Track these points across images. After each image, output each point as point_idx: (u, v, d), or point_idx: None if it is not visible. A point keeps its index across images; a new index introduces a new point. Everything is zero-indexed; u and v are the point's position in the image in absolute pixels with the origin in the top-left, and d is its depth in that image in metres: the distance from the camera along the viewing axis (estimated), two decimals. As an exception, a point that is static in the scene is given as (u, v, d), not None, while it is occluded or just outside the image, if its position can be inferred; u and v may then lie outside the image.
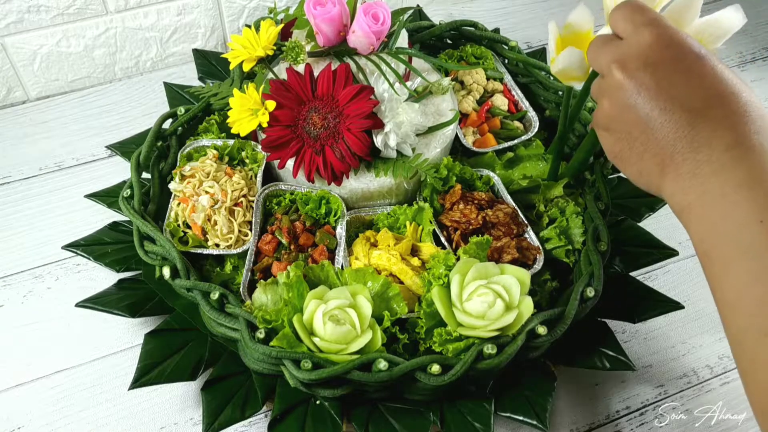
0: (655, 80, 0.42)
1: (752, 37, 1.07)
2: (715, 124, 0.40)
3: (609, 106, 0.45)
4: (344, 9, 0.68)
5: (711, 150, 0.40)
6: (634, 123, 0.43)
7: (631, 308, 0.67)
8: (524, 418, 0.59)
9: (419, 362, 0.57)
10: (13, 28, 0.87)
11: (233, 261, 0.68)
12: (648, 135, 0.42)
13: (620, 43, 0.44)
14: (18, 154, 0.88)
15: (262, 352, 0.57)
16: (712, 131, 0.40)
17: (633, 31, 0.44)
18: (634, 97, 0.43)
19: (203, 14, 0.96)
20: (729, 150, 0.39)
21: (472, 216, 0.67)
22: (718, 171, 0.39)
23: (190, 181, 0.70)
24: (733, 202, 0.38)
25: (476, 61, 0.85)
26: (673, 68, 0.42)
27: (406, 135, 0.69)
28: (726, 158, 0.39)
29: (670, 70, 0.42)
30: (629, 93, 0.43)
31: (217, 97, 0.79)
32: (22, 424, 0.65)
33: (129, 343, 0.71)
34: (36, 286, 0.75)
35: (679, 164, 0.41)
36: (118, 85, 0.97)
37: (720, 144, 0.39)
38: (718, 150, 0.39)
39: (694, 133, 0.40)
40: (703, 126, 0.40)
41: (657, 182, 0.43)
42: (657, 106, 0.42)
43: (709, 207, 0.40)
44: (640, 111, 0.42)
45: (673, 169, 0.41)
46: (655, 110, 0.42)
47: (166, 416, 0.66)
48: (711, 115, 0.40)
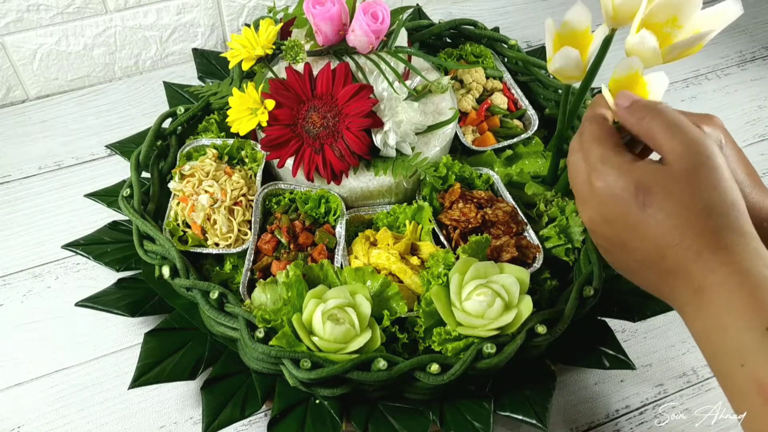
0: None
1: (752, 36, 1.07)
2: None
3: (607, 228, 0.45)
4: (343, 8, 0.68)
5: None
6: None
7: (631, 307, 0.67)
8: (524, 417, 0.59)
9: (418, 361, 0.57)
10: (13, 27, 0.87)
11: (233, 260, 0.68)
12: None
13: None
14: (17, 153, 0.88)
15: (262, 351, 0.57)
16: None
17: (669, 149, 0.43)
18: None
19: (203, 13, 0.96)
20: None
21: (471, 215, 0.66)
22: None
23: (189, 181, 0.70)
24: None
25: (476, 59, 0.85)
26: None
27: (406, 134, 0.69)
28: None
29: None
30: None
31: (216, 97, 0.79)
32: (21, 423, 0.65)
33: (129, 343, 0.71)
34: (36, 286, 0.75)
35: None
36: (117, 85, 0.97)
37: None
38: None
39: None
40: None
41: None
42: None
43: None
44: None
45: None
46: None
47: (165, 415, 0.66)
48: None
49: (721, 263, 0.39)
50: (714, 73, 1.02)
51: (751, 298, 0.38)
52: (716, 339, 0.39)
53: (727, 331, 0.38)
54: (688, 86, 1.00)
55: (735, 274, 0.39)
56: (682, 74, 1.02)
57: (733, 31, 1.07)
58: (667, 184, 0.42)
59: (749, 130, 0.95)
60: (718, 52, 1.05)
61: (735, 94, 0.99)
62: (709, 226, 0.40)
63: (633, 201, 0.42)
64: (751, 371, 0.37)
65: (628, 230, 0.43)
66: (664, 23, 0.52)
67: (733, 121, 0.96)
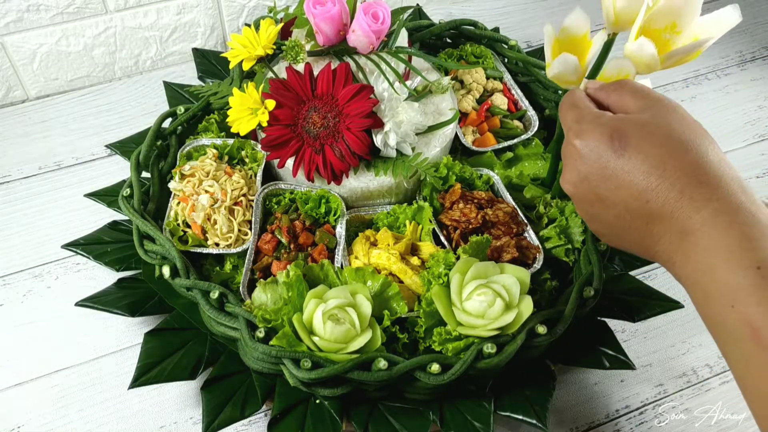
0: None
1: (752, 36, 1.07)
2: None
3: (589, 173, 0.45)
4: (344, 8, 0.68)
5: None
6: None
7: (631, 307, 0.67)
8: (524, 417, 0.59)
9: (419, 361, 0.57)
10: (13, 27, 0.87)
11: (233, 260, 0.68)
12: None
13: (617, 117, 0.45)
14: (17, 153, 0.88)
15: (262, 351, 0.57)
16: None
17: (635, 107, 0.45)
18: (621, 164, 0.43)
19: (203, 13, 0.96)
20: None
21: (471, 215, 0.67)
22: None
23: (189, 180, 0.70)
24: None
25: (476, 60, 0.85)
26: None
27: (406, 134, 0.69)
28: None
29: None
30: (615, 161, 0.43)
31: (216, 96, 0.79)
32: (21, 423, 0.65)
33: (129, 343, 0.71)
34: (36, 286, 0.75)
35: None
36: (117, 84, 0.97)
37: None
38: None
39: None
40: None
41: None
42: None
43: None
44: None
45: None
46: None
47: (165, 415, 0.66)
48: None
49: (708, 199, 0.39)
50: (714, 73, 1.02)
51: (740, 236, 0.37)
52: (705, 282, 0.38)
53: (717, 271, 0.37)
54: (688, 86, 1.00)
55: (721, 212, 0.38)
56: (682, 74, 1.02)
57: (733, 31, 1.06)
58: (640, 127, 0.42)
59: (749, 130, 0.95)
60: (718, 52, 1.05)
61: (735, 94, 0.99)
62: (689, 160, 0.40)
63: (609, 149, 0.42)
64: (743, 313, 0.36)
65: (608, 182, 0.42)
66: (663, 29, 0.52)
67: (733, 121, 0.96)
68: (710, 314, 0.39)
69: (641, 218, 0.41)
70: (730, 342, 0.37)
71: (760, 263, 0.36)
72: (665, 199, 0.40)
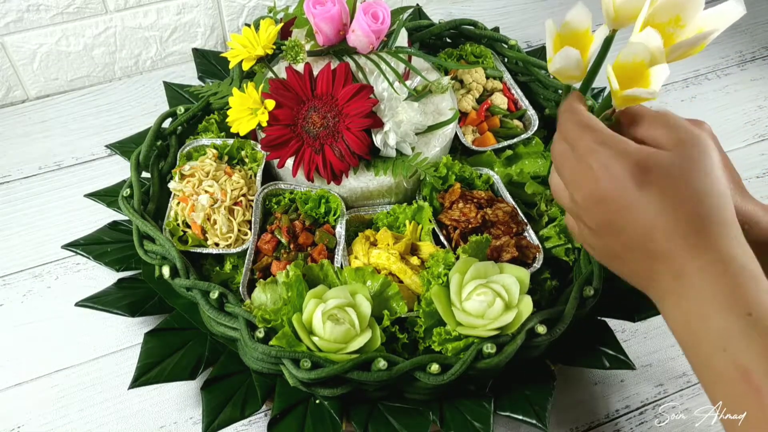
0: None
1: (752, 36, 1.07)
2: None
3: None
4: (344, 8, 0.68)
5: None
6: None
7: (631, 307, 0.67)
8: (524, 417, 0.59)
9: (418, 361, 0.57)
10: (13, 27, 0.87)
11: (233, 260, 0.68)
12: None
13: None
14: (17, 153, 0.88)
15: (262, 351, 0.57)
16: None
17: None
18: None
19: (203, 13, 0.96)
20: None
21: (471, 215, 0.66)
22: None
23: (189, 181, 0.70)
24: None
25: (476, 59, 0.85)
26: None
27: (406, 134, 0.69)
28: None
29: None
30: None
31: (216, 97, 0.79)
32: (21, 423, 0.65)
33: (129, 343, 0.71)
34: (36, 286, 0.75)
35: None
36: (117, 85, 0.97)
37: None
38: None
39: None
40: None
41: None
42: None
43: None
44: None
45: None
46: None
47: (165, 415, 0.66)
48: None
49: (706, 249, 0.40)
50: (714, 73, 1.02)
51: (733, 284, 0.39)
52: (696, 325, 0.40)
53: (709, 317, 0.39)
54: (688, 86, 1.00)
55: (718, 261, 0.39)
56: (682, 74, 1.02)
57: (733, 31, 1.07)
58: (665, 167, 0.42)
59: (749, 130, 0.95)
60: (718, 52, 1.05)
61: (735, 94, 0.99)
62: (699, 212, 0.41)
63: (630, 181, 0.42)
64: (734, 357, 0.37)
65: (622, 211, 0.43)
66: (667, 23, 0.52)
67: (733, 121, 0.96)
68: (700, 356, 0.40)
69: (644, 252, 0.43)
70: (720, 384, 0.39)
71: (750, 309, 0.38)
72: (670, 240, 0.41)
